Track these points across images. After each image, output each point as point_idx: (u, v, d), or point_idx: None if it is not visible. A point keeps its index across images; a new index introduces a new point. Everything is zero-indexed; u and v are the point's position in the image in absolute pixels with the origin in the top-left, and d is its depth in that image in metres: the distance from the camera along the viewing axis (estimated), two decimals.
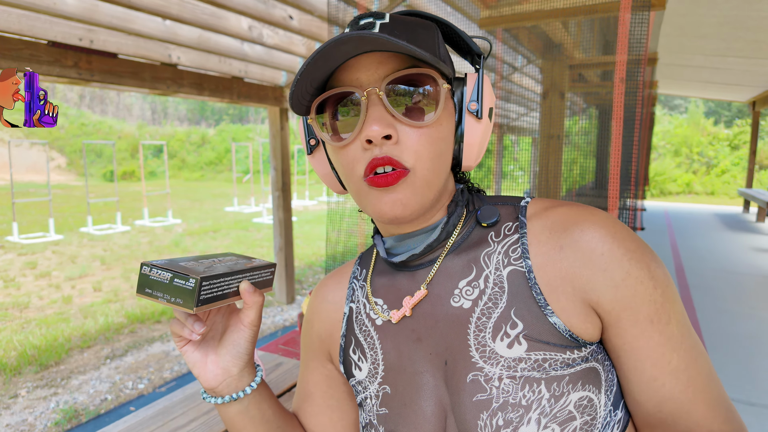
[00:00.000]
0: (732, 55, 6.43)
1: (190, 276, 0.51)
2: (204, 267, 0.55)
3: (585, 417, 0.47)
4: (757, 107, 9.95)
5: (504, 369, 0.50)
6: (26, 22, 2.56)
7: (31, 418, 2.85)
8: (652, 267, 0.50)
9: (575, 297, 0.50)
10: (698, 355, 0.50)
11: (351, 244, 2.76)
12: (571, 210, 0.54)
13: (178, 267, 0.53)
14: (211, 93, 3.84)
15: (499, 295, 0.53)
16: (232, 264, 0.59)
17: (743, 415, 2.46)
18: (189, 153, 25.98)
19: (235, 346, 0.59)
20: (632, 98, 1.77)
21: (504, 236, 0.56)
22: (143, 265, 0.53)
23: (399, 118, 0.50)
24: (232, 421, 0.62)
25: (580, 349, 0.50)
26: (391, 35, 0.50)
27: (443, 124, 0.53)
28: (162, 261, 0.55)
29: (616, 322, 0.50)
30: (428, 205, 0.54)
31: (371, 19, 0.52)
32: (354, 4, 2.32)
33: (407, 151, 0.50)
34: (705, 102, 21.24)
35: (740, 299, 4.39)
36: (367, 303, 0.64)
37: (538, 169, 2.96)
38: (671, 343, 0.49)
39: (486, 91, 0.56)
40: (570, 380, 0.48)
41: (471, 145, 0.56)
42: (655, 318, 0.49)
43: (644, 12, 1.59)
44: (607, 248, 0.50)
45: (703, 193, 17.55)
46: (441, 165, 0.54)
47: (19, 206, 11.78)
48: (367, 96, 0.50)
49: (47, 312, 4.74)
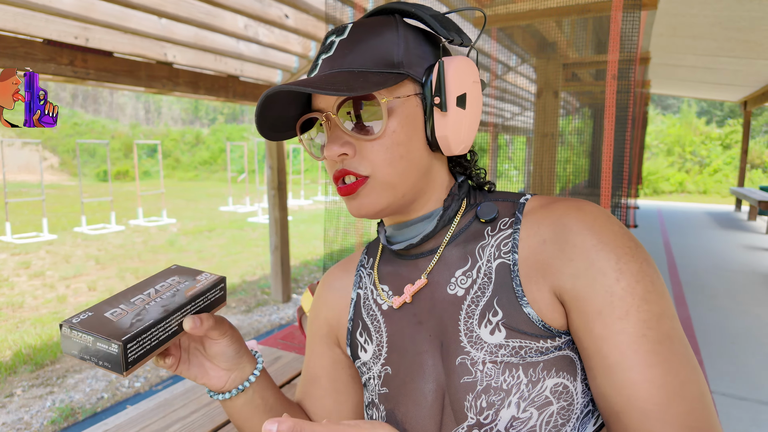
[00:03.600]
0: (724, 55, 6.49)
1: (112, 341, 0.47)
2: (133, 315, 0.51)
3: (561, 402, 0.50)
4: (749, 107, 10.05)
5: (487, 354, 0.53)
6: (22, 20, 2.55)
7: (27, 416, 2.85)
8: (623, 260, 0.49)
9: (545, 287, 0.53)
10: (664, 362, 0.45)
11: (348, 243, 2.78)
12: (563, 205, 0.55)
13: (99, 326, 0.49)
14: (207, 92, 3.84)
15: (487, 285, 0.56)
16: (170, 297, 0.55)
17: (735, 410, 2.50)
18: (183, 153, 25.88)
19: (222, 354, 0.61)
20: (624, 97, 1.80)
21: (499, 230, 0.58)
22: (62, 326, 0.49)
23: (353, 136, 0.55)
24: (238, 413, 0.64)
25: (554, 338, 0.51)
26: (340, 56, 0.55)
27: (398, 130, 0.54)
28: (84, 316, 0.50)
29: (570, 311, 0.51)
30: (401, 201, 0.58)
31: (334, 36, 0.57)
32: (350, 3, 2.33)
33: (364, 161, 0.55)
34: (697, 102, 21.40)
35: (732, 296, 4.44)
36: (374, 289, 0.67)
37: (532, 168, 2.98)
38: (616, 338, 0.47)
39: (451, 78, 0.54)
40: (544, 367, 0.50)
41: (443, 137, 0.56)
42: (605, 310, 0.48)
43: (635, 12, 1.62)
44: (580, 239, 0.51)
45: (695, 191, 17.69)
46: (405, 165, 0.56)
47: (12, 206, 11.69)
48: (326, 119, 0.55)
49: (42, 311, 4.73)
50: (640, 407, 0.45)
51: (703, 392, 0.46)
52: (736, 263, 5.71)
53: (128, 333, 0.49)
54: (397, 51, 0.55)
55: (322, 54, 0.57)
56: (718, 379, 2.82)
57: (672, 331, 0.47)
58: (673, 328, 0.47)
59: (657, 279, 0.49)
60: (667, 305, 0.48)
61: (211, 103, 30.93)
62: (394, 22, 0.56)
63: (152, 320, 0.52)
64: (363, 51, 0.54)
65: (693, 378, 0.46)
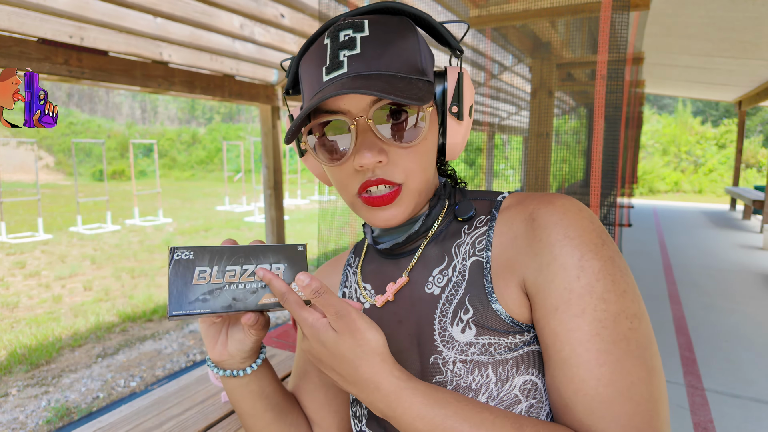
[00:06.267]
0: (718, 55, 6.53)
1: (168, 306, 0.52)
2: (205, 289, 0.53)
3: (530, 401, 0.50)
4: (744, 106, 10.10)
5: (457, 353, 0.53)
6: (16, 20, 2.55)
7: (23, 416, 2.84)
8: (586, 257, 0.49)
9: (513, 281, 0.53)
10: (615, 362, 0.46)
11: (342, 243, 2.79)
12: (535, 200, 0.56)
13: (180, 276, 0.53)
14: (203, 91, 3.84)
15: (460, 283, 0.56)
16: (249, 292, 0.55)
17: (728, 407, 2.52)
18: (179, 152, 25.80)
19: (241, 342, 0.59)
20: (617, 96, 1.81)
21: (475, 228, 0.59)
22: (173, 249, 0.53)
23: (388, 142, 0.52)
24: (232, 391, 0.64)
25: (522, 333, 0.52)
26: (373, 57, 0.51)
27: (428, 137, 0.56)
28: (186, 255, 0.53)
29: (532, 304, 0.52)
30: (418, 209, 0.59)
31: (351, 32, 0.52)
32: (345, 2, 2.34)
33: (397, 169, 0.54)
34: (693, 101, 21.49)
35: (726, 295, 4.47)
36: (357, 288, 0.68)
37: (527, 168, 3.00)
38: (570, 335, 0.47)
39: (466, 89, 0.57)
40: (513, 364, 0.51)
41: (453, 144, 0.59)
42: (561, 306, 0.48)
43: (624, 12, 1.63)
44: (546, 234, 0.51)
45: (690, 191, 17.78)
46: (431, 172, 0.58)
47: (7, 206, 11.64)
48: (357, 123, 0.52)
49: (37, 311, 4.71)
50: (586, 403, 0.46)
51: (653, 395, 0.46)
52: (730, 262, 5.75)
53: (179, 311, 0.52)
54: (420, 57, 0.55)
55: (343, 49, 0.52)
56: (712, 377, 2.84)
57: (629, 332, 0.47)
58: (630, 329, 0.47)
59: (620, 277, 0.49)
60: (626, 305, 0.48)
61: (207, 103, 30.85)
62: (412, 27, 0.56)
63: (209, 310, 0.53)
64: (396, 54, 0.52)
65: (645, 380, 0.46)
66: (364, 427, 0.62)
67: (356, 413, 0.63)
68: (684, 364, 3.03)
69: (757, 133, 19.80)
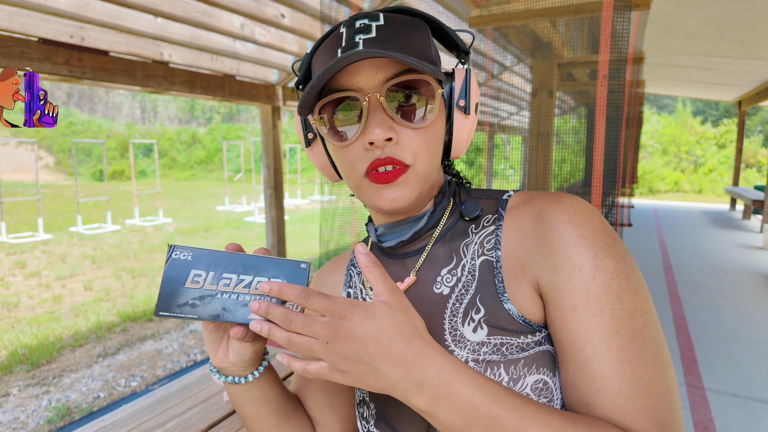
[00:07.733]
0: (718, 55, 6.53)
1: (156, 303, 0.52)
2: (197, 294, 0.52)
3: (542, 399, 0.50)
4: (743, 106, 10.10)
5: (469, 352, 0.53)
6: (17, 20, 2.55)
7: (24, 416, 2.84)
8: (600, 257, 0.50)
9: (525, 281, 0.53)
10: (634, 359, 0.47)
11: (343, 243, 2.79)
12: (543, 199, 0.56)
13: (173, 274, 0.52)
14: (203, 91, 3.84)
15: (470, 282, 0.56)
16: (240, 305, 0.53)
17: (728, 407, 2.52)
18: (179, 152, 25.80)
19: (239, 352, 0.57)
20: (618, 96, 1.81)
21: (482, 228, 0.59)
22: (171, 246, 0.53)
23: (398, 121, 0.54)
24: (235, 396, 0.64)
25: (534, 333, 0.52)
26: (388, 40, 0.53)
27: (437, 123, 0.57)
28: (184, 254, 0.53)
29: (547, 304, 0.52)
30: (423, 197, 0.59)
31: (366, 20, 0.54)
32: (346, 3, 2.34)
33: (406, 149, 0.54)
34: (693, 101, 21.50)
35: (726, 295, 4.47)
36: (363, 288, 0.68)
37: (528, 168, 3.00)
38: (590, 334, 0.48)
39: (473, 86, 0.59)
40: (525, 363, 0.51)
41: (459, 138, 0.60)
42: (579, 306, 0.49)
43: (626, 12, 1.64)
44: (559, 234, 0.52)
45: (690, 191, 17.78)
46: (437, 159, 0.59)
47: (7, 206, 11.64)
48: (368, 100, 0.53)
49: (37, 311, 4.71)
50: (610, 400, 0.47)
51: (670, 388, 0.48)
52: (730, 262, 5.75)
53: (166, 312, 0.51)
54: (430, 51, 0.57)
55: (359, 34, 0.53)
56: (712, 377, 2.84)
57: (644, 329, 0.48)
58: (645, 326, 0.48)
59: (632, 275, 0.50)
60: (640, 302, 0.49)
61: (207, 103, 30.86)
62: (424, 25, 0.58)
63: (196, 317, 0.52)
64: (408, 41, 0.54)
65: (662, 374, 0.48)
66: (372, 427, 0.62)
67: (363, 414, 0.63)
68: (684, 363, 3.03)
69: (757, 133, 19.80)
